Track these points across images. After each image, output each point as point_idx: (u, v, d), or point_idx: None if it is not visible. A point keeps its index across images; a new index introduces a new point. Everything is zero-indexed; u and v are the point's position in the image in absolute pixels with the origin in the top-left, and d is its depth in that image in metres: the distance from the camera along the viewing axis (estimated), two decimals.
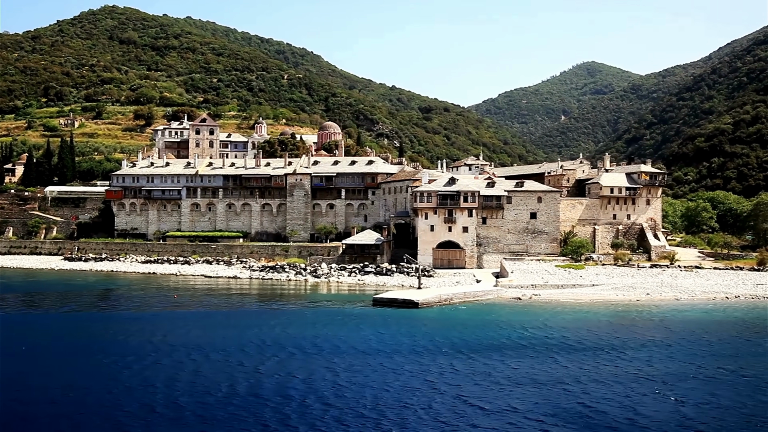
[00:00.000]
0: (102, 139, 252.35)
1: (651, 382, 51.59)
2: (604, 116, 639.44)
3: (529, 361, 57.82)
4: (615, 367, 55.86)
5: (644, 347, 64.18)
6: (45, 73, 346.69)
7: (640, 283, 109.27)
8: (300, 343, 65.76)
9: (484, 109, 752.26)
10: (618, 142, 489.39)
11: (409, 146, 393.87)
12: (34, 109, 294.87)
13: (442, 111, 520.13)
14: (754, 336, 70.65)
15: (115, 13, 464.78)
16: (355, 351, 62.02)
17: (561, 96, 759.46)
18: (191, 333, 72.28)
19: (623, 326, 75.81)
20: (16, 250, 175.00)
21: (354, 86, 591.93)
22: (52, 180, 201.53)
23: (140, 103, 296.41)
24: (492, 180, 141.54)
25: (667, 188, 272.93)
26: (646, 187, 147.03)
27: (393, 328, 74.40)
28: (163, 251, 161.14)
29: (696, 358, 59.48)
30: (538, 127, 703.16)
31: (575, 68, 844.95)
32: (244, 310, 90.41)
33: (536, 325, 75.65)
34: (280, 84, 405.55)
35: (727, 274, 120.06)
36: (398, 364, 56.65)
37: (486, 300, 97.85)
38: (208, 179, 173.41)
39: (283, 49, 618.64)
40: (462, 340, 67.29)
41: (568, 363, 57.16)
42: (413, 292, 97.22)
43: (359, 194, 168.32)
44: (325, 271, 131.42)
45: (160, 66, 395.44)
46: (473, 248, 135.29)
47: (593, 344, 65.03)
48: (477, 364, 56.75)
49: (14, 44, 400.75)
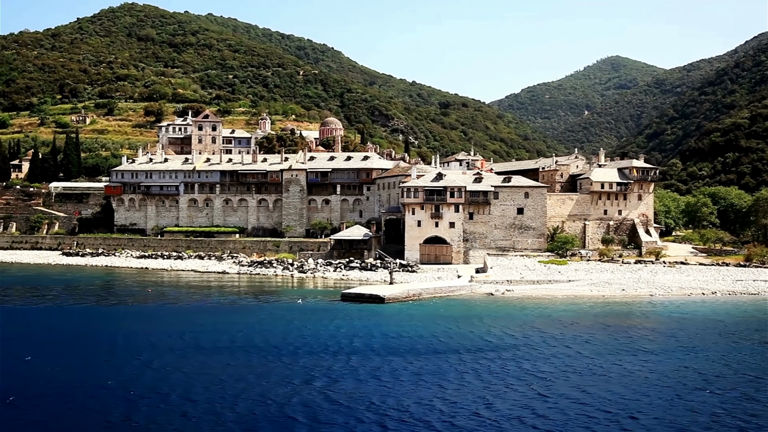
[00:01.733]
0: (112, 136, 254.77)
1: (525, 378, 51.19)
2: (627, 111, 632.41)
3: (432, 361, 56.87)
4: (501, 367, 54.65)
5: (559, 343, 63.31)
6: (63, 71, 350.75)
7: (617, 279, 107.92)
8: (224, 338, 65.88)
9: (507, 105, 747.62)
10: (639, 137, 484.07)
11: (425, 142, 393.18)
12: (49, 106, 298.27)
13: (460, 106, 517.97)
14: (700, 333, 69.22)
15: (134, 11, 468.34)
16: (272, 347, 61.67)
17: (584, 91, 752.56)
18: (122, 327, 72.69)
19: (570, 323, 74.67)
20: (17, 245, 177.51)
21: (374, 82, 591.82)
22: (57, 176, 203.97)
23: (153, 99, 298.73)
24: (480, 175, 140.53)
25: (666, 183, 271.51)
26: (638, 183, 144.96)
27: (344, 322, 74.43)
28: (159, 246, 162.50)
29: (601, 355, 58.84)
30: (560, 122, 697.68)
31: (599, 63, 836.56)
32: (205, 305, 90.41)
33: (487, 322, 74.95)
34: (296, 80, 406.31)
35: (710, 270, 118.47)
36: (314, 360, 56.43)
37: (457, 296, 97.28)
38: (205, 175, 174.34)
39: (304, 45, 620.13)
40: (401, 336, 66.84)
41: (472, 363, 56.06)
42: (381, 287, 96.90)
43: (354, 190, 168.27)
44: (311, 267, 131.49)
45: (176, 63, 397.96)
46: (460, 244, 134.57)
47: (514, 343, 63.85)
48: (377, 362, 56.21)
49: (34, 42, 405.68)
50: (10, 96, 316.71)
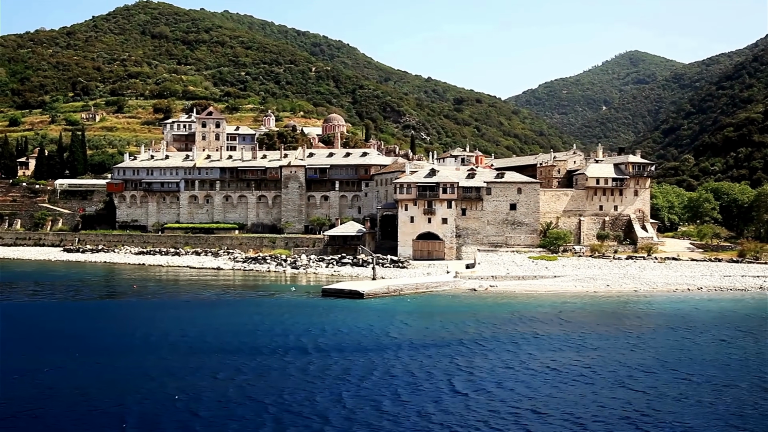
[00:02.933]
0: (120, 133, 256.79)
1: (451, 373, 51.02)
2: (645, 106, 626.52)
3: (366, 357, 56.54)
4: (434, 362, 54.22)
5: (510, 339, 62.81)
6: (77, 69, 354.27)
7: (603, 275, 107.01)
8: (173, 334, 66.00)
9: (524, 100, 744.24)
10: (655, 133, 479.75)
11: (436, 138, 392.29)
12: (61, 104, 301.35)
13: (473, 102, 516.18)
14: (664, 328, 68.46)
15: (148, 8, 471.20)
16: (222, 343, 61.62)
17: (602, 86, 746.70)
18: (87, 323, 73.24)
19: (539, 318, 74.05)
20: (21, 241, 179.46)
21: (389, 78, 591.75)
22: (63, 173, 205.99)
23: (163, 96, 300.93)
24: (473, 171, 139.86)
25: (678, 178, 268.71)
26: (634, 178, 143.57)
27: (314, 318, 74.33)
28: (158, 243, 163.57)
29: (547, 351, 58.41)
30: (578, 117, 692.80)
31: (618, 58, 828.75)
32: (184, 300, 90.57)
33: (454, 317, 74.59)
34: (308, 77, 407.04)
35: (699, 265, 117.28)
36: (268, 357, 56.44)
37: (440, 291, 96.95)
38: (205, 172, 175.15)
39: (319, 41, 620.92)
40: (356, 331, 66.62)
41: (406, 358, 55.95)
42: (362, 283, 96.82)
43: (353, 186, 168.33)
44: (304, 263, 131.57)
45: (189, 60, 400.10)
46: (452, 239, 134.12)
47: (464, 338, 63.21)
48: (310, 358, 55.97)
49: (50, 40, 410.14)
50: (24, 94, 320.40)
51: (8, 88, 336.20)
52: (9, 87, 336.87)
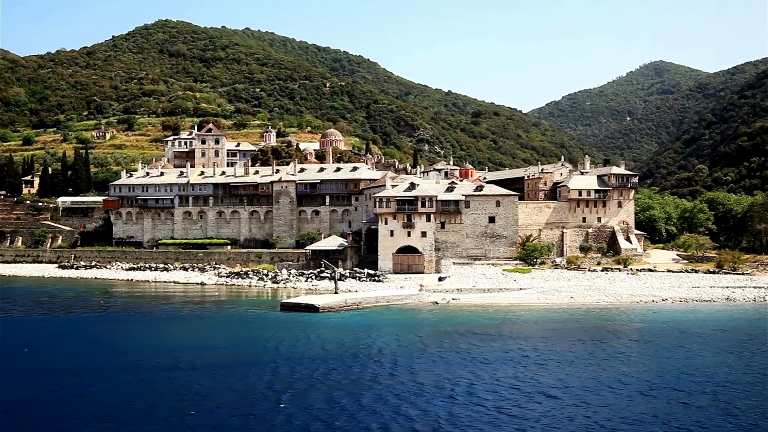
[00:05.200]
0: (128, 150, 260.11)
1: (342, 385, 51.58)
2: (668, 117, 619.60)
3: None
4: (341, 373, 55.04)
5: (437, 351, 62.49)
6: (94, 88, 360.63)
7: (569, 287, 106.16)
8: (106, 347, 66.82)
9: (547, 112, 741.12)
10: (677, 143, 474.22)
11: (451, 152, 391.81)
12: (74, 123, 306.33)
13: (491, 115, 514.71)
14: (602, 340, 67.62)
15: (167, 27, 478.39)
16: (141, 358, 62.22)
17: (626, 97, 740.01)
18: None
19: (481, 332, 73.60)
20: (20, 258, 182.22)
21: (410, 92, 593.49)
22: (66, 191, 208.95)
23: (175, 114, 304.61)
24: (453, 185, 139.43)
25: (691, 189, 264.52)
26: (618, 190, 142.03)
27: (258, 332, 75.90)
28: (149, 259, 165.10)
29: (453, 364, 58.43)
30: (602, 129, 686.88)
31: (642, 68, 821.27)
32: (145, 314, 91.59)
33: (397, 330, 74.59)
34: (322, 92, 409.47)
35: (670, 276, 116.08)
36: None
37: (401, 304, 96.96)
38: (199, 188, 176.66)
39: (340, 57, 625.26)
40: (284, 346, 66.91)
41: (308, 368, 56.93)
42: (319, 297, 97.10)
43: (343, 200, 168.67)
44: (284, 277, 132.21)
45: (205, 77, 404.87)
46: (432, 253, 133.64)
47: (386, 349, 63.85)
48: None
49: (69, 60, 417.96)
50: (40, 113, 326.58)
51: (27, 108, 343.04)
52: (27, 107, 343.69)
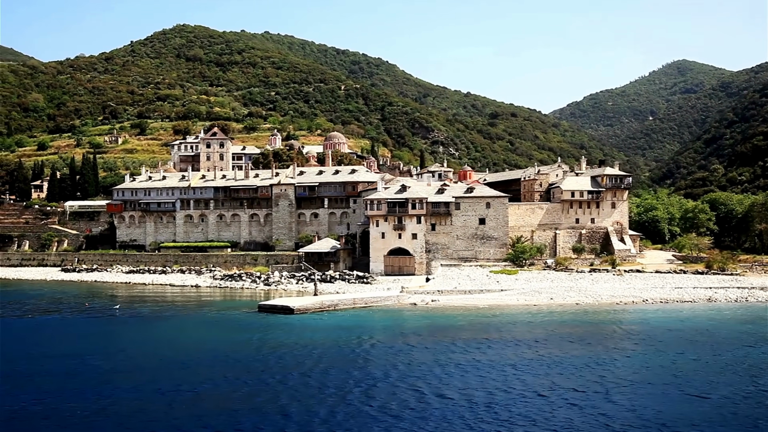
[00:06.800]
0: (139, 155, 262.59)
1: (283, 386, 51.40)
2: (691, 116, 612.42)
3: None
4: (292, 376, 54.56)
5: (397, 352, 62.38)
6: (111, 93, 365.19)
7: (550, 288, 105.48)
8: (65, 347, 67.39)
9: (568, 113, 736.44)
10: (697, 143, 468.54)
11: (465, 153, 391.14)
12: (89, 128, 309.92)
13: (508, 116, 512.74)
14: (569, 340, 67.13)
15: (184, 32, 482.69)
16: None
17: (649, 96, 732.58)
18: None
19: (447, 333, 73.43)
20: (26, 262, 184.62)
21: (428, 94, 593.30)
22: (75, 195, 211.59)
23: (188, 118, 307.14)
24: (444, 187, 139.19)
25: (705, 189, 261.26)
26: (611, 190, 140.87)
27: (230, 334, 76.95)
28: (150, 262, 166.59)
29: (399, 365, 58.67)
30: (624, 129, 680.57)
31: (665, 67, 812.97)
32: (119, 316, 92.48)
33: (361, 332, 74.77)
34: (337, 95, 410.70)
35: (655, 277, 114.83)
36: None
37: (380, 306, 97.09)
38: (200, 191, 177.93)
39: (359, 59, 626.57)
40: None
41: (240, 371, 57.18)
42: (295, 299, 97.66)
43: (341, 203, 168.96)
44: (276, 279, 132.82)
45: (221, 81, 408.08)
46: (422, 255, 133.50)
47: (340, 352, 63.78)
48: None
49: (88, 66, 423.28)
50: (56, 118, 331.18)
51: (45, 113, 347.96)
52: (45, 112, 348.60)
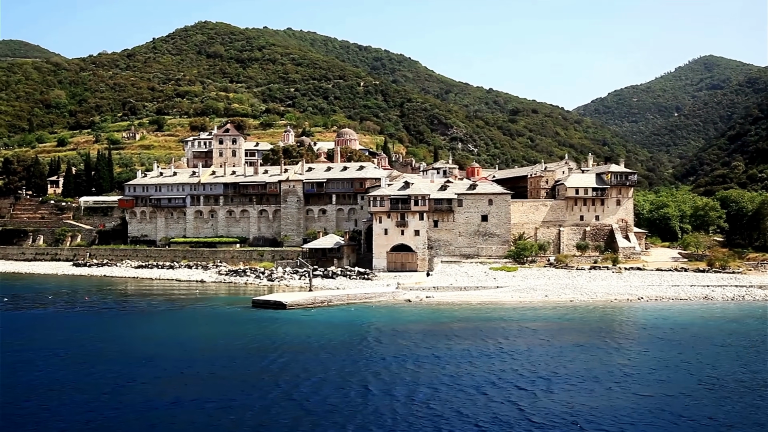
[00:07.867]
0: (156, 151, 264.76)
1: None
2: (716, 112, 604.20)
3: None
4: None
5: (377, 347, 62.36)
6: (132, 89, 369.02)
7: (546, 285, 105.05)
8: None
9: (593, 109, 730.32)
10: (721, 140, 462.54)
11: (484, 150, 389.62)
12: (108, 124, 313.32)
13: (529, 113, 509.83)
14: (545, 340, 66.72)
15: (206, 29, 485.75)
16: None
17: (674, 92, 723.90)
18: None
19: (425, 329, 73.40)
20: (40, 256, 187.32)
21: (450, 90, 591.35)
22: (89, 191, 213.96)
23: (206, 114, 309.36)
24: (447, 183, 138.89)
25: (725, 186, 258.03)
26: (616, 188, 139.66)
27: (221, 328, 77.78)
28: (159, 257, 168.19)
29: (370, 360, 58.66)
30: (648, 125, 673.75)
31: (691, 63, 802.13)
32: (112, 309, 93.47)
33: (353, 328, 75.34)
34: (356, 91, 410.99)
35: (653, 275, 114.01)
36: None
37: (375, 302, 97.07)
38: (210, 187, 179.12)
39: (381, 56, 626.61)
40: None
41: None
42: (288, 294, 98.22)
43: (349, 199, 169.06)
44: (279, 275, 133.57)
45: (241, 78, 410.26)
46: (425, 251, 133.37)
47: (314, 345, 63.89)
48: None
49: (110, 63, 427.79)
50: (77, 115, 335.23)
51: (66, 110, 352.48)
52: (67, 109, 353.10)
